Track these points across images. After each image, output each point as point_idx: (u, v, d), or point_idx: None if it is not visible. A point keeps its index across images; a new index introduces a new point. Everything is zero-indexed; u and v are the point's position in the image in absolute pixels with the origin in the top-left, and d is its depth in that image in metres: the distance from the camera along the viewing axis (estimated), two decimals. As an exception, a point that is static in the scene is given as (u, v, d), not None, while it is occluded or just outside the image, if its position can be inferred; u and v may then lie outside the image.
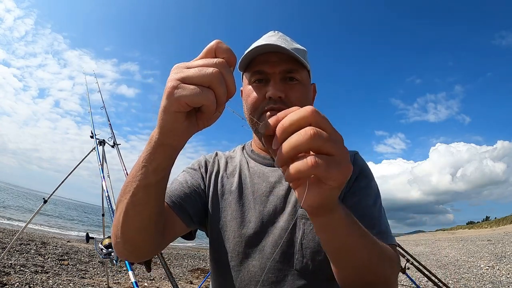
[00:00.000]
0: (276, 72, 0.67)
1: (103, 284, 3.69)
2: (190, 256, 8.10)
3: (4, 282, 2.93)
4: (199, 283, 4.14)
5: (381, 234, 0.62)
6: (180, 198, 0.67)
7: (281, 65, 0.66)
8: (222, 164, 0.79)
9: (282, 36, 0.72)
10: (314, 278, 0.64)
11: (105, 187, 2.25)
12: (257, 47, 0.65)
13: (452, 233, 30.33)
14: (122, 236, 0.52)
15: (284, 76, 0.67)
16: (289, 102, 0.66)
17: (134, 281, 1.53)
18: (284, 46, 0.65)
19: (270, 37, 0.72)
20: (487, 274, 5.64)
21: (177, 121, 0.37)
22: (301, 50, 0.71)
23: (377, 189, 0.72)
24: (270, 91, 0.65)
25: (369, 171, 0.74)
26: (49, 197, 2.91)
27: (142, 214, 0.50)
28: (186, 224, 0.66)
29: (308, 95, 0.72)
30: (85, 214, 33.95)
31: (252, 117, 0.64)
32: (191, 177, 0.75)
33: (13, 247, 4.42)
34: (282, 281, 0.64)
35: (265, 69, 0.67)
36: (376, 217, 0.65)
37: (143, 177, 0.45)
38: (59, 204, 41.93)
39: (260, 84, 0.69)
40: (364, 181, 0.71)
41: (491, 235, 16.57)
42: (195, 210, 0.69)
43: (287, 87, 0.67)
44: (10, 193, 39.88)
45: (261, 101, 0.67)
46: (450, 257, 8.54)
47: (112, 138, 2.89)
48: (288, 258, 0.65)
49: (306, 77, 0.71)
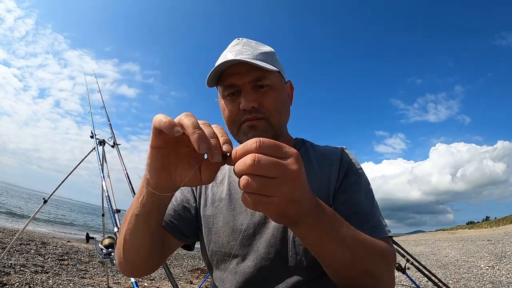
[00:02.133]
0: (246, 82, 0.68)
1: (103, 284, 3.69)
2: (190, 256, 8.10)
3: (4, 282, 2.93)
4: (199, 283, 4.14)
5: (374, 228, 0.63)
6: (170, 217, 0.70)
7: (249, 74, 0.67)
8: None
9: (246, 42, 0.72)
10: (308, 274, 0.65)
11: (105, 187, 2.25)
12: (221, 64, 0.66)
13: (452, 233, 30.34)
14: (124, 257, 0.60)
15: (255, 85, 0.68)
16: (263, 109, 0.68)
17: (134, 281, 1.53)
18: (249, 53, 0.68)
19: (234, 46, 0.72)
20: (487, 274, 5.64)
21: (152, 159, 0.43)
22: (268, 53, 0.71)
23: (367, 183, 0.72)
24: (242, 103, 0.67)
25: (357, 166, 0.74)
26: (49, 197, 2.91)
27: (137, 240, 0.56)
28: (180, 240, 0.71)
29: (281, 98, 0.72)
30: (85, 214, 33.94)
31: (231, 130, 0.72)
32: (181, 192, 0.78)
33: (13, 247, 4.42)
34: (278, 279, 0.65)
35: (235, 82, 0.68)
36: (367, 212, 0.66)
37: (134, 208, 0.52)
38: (59, 204, 41.92)
39: (233, 97, 0.70)
40: (353, 177, 0.71)
41: (491, 235, 16.58)
42: (185, 225, 0.72)
43: (258, 95, 0.68)
44: (10, 193, 39.87)
45: (236, 114, 0.70)
46: (450, 257, 8.54)
47: (112, 138, 2.89)
48: (282, 256, 0.65)
49: (277, 79, 0.72)
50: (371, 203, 0.69)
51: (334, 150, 0.77)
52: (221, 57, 0.73)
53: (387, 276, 0.57)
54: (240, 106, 0.67)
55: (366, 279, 0.53)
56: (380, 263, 0.55)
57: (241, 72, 0.68)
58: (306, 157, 0.76)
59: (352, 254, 0.50)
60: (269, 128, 0.69)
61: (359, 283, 0.53)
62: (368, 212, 0.66)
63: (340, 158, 0.74)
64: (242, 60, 0.65)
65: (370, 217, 0.65)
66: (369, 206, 0.68)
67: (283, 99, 0.73)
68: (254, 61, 0.65)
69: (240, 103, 0.68)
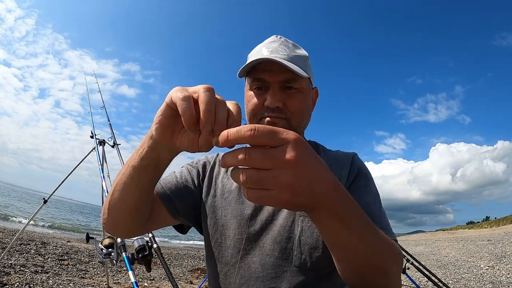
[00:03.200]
0: (275, 81, 0.68)
1: (103, 284, 3.69)
2: (190, 256, 8.10)
3: (4, 282, 2.93)
4: (199, 283, 4.14)
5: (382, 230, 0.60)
6: (169, 190, 0.71)
7: (281, 75, 0.68)
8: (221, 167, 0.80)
9: (284, 42, 0.72)
10: (312, 274, 0.65)
11: (105, 187, 2.25)
12: (256, 60, 0.67)
13: (452, 233, 30.33)
14: (108, 210, 0.61)
15: (283, 85, 0.69)
16: (287, 111, 0.69)
17: (134, 281, 1.53)
18: (285, 54, 0.68)
19: (272, 42, 0.72)
20: (487, 274, 5.64)
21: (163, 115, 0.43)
22: (302, 57, 0.72)
23: (376, 189, 0.73)
24: (268, 101, 0.68)
25: (368, 172, 0.75)
26: (49, 197, 2.90)
27: (126, 193, 0.56)
28: (171, 215, 0.71)
29: (306, 103, 0.73)
30: (85, 214, 33.95)
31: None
32: (188, 173, 0.78)
33: (13, 247, 4.42)
34: (281, 277, 0.65)
35: (265, 78, 0.69)
36: (376, 214, 0.66)
37: (132, 159, 0.53)
38: (59, 204, 41.93)
39: (260, 92, 0.71)
40: (363, 180, 0.72)
41: (491, 235, 16.57)
42: (182, 204, 0.72)
43: (285, 96, 0.69)
44: (10, 193, 39.87)
45: (260, 108, 0.70)
46: (450, 257, 8.54)
47: (112, 138, 2.90)
48: (287, 254, 0.65)
49: (306, 84, 0.72)
50: (379, 207, 0.69)
51: (346, 154, 0.79)
52: (256, 50, 0.74)
53: (398, 277, 0.55)
54: (265, 103, 0.68)
55: (378, 277, 0.50)
56: (393, 263, 0.53)
57: (273, 70, 0.68)
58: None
59: (368, 248, 0.46)
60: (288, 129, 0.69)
61: (371, 281, 0.50)
62: (376, 214, 0.65)
63: (351, 162, 0.75)
64: (276, 60, 0.65)
65: (378, 219, 0.64)
66: (378, 209, 0.68)
67: (307, 104, 0.74)
68: (288, 63, 0.66)
69: (265, 99, 0.69)
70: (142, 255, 1.67)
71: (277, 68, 0.67)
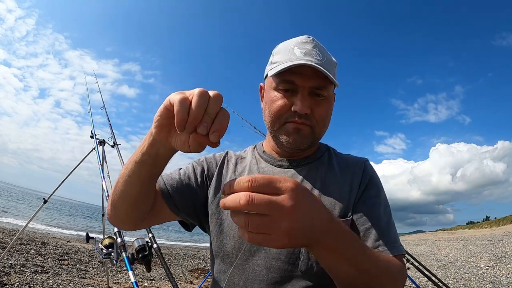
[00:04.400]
0: (306, 86, 0.66)
1: (103, 284, 3.69)
2: (190, 256, 8.10)
3: (4, 282, 2.93)
4: (199, 283, 4.14)
5: (389, 245, 0.64)
6: (171, 186, 0.71)
7: (313, 80, 0.66)
8: (231, 164, 0.80)
9: (317, 45, 0.69)
10: (318, 281, 0.64)
11: (105, 187, 2.25)
12: (295, 64, 0.63)
13: (452, 233, 30.32)
14: (113, 203, 0.64)
15: (313, 91, 0.67)
16: (313, 118, 0.68)
17: (134, 281, 1.53)
18: (319, 59, 0.65)
19: (304, 43, 0.68)
20: (487, 274, 5.64)
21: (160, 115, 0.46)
22: (333, 63, 0.70)
23: (386, 198, 0.73)
24: (298, 106, 0.65)
25: (379, 180, 0.75)
26: (49, 197, 2.91)
27: (128, 185, 0.59)
28: (172, 211, 0.71)
29: (330, 110, 0.72)
30: (85, 214, 33.94)
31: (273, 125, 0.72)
32: (192, 170, 0.78)
33: (13, 247, 4.42)
34: (286, 282, 0.64)
35: (295, 81, 0.66)
36: (384, 227, 0.66)
37: (135, 154, 0.56)
38: (59, 204, 41.92)
39: (287, 94, 0.68)
40: (374, 190, 0.72)
41: (491, 235, 16.57)
42: (182, 202, 0.72)
43: (313, 102, 0.67)
44: (10, 193, 39.87)
45: (285, 112, 0.68)
46: (450, 257, 8.54)
47: (112, 138, 2.90)
48: (293, 259, 0.65)
49: (332, 92, 0.71)
50: (388, 219, 0.69)
51: (357, 160, 0.78)
52: (285, 47, 0.69)
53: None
54: (294, 108, 0.66)
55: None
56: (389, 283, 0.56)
57: (305, 75, 0.65)
58: (330, 163, 0.76)
59: (365, 275, 0.50)
60: (311, 136, 0.70)
61: None
62: (385, 228, 0.67)
63: (363, 169, 0.74)
64: (317, 67, 0.63)
65: (387, 233, 0.66)
66: (386, 221, 0.68)
67: (331, 113, 0.73)
68: (326, 71, 0.63)
69: (292, 103, 0.67)
70: (142, 255, 1.68)
71: (309, 72, 0.65)
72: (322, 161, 0.77)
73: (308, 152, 0.77)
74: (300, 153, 0.76)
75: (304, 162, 0.76)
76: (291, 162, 0.76)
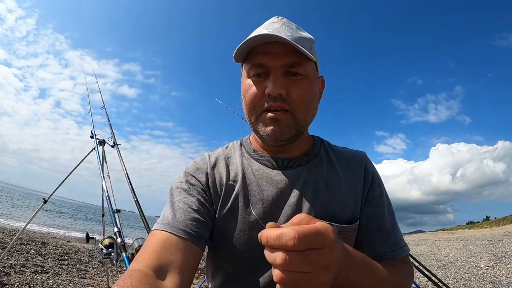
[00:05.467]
0: (278, 65, 0.59)
1: (103, 284, 3.69)
2: (190, 256, 8.10)
3: (4, 282, 2.93)
4: (199, 283, 4.14)
5: (396, 247, 0.64)
6: (194, 227, 0.58)
7: (284, 58, 0.59)
8: (222, 168, 0.70)
9: (286, 22, 0.63)
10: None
11: (105, 187, 2.25)
12: (255, 36, 0.57)
13: (452, 233, 30.30)
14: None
15: (287, 70, 0.60)
16: (291, 101, 0.60)
17: (134, 281, 1.52)
18: (288, 35, 0.58)
19: (272, 23, 0.62)
20: (487, 274, 5.64)
21: None
22: (307, 39, 0.62)
23: (387, 195, 0.72)
24: (269, 88, 0.59)
25: (379, 176, 0.73)
26: (49, 197, 2.90)
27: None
28: (203, 249, 0.61)
29: (312, 91, 0.64)
30: (85, 214, 33.92)
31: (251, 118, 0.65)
32: (191, 197, 0.64)
33: (13, 247, 4.42)
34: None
35: (265, 62, 0.60)
36: (390, 228, 0.67)
37: None
38: (59, 204, 41.90)
39: (259, 79, 0.61)
40: (377, 190, 0.70)
41: (491, 235, 16.56)
42: (209, 231, 0.63)
43: (289, 82, 0.60)
44: (10, 193, 39.85)
45: (260, 98, 0.61)
46: (450, 257, 8.54)
47: (112, 138, 2.90)
48: None
49: (312, 70, 0.63)
50: (392, 217, 0.69)
51: (356, 155, 0.73)
52: (254, 32, 0.62)
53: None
54: (266, 91, 0.59)
55: None
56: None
57: (275, 53, 0.59)
58: (329, 161, 0.71)
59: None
60: (293, 124, 0.62)
61: None
62: (390, 228, 0.66)
63: (364, 167, 0.70)
64: (280, 37, 0.56)
65: (393, 234, 0.66)
66: (391, 221, 0.68)
67: (314, 94, 0.64)
68: (294, 42, 0.56)
69: (266, 87, 0.60)
70: (142, 255, 1.67)
71: (279, 50, 0.59)
72: (320, 159, 0.71)
73: (301, 147, 0.70)
74: (292, 149, 0.69)
75: (302, 161, 0.69)
76: (287, 162, 0.68)
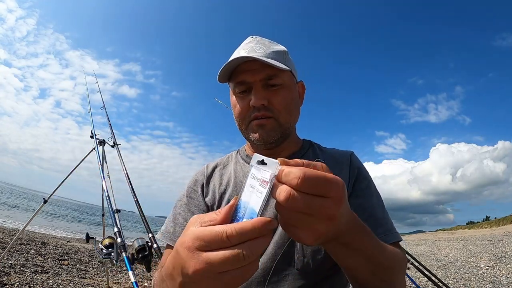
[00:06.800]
0: (257, 80, 0.68)
1: (103, 284, 3.69)
2: (190, 256, 8.10)
3: (4, 282, 2.93)
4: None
5: (388, 232, 0.65)
6: None
7: (261, 72, 0.68)
8: (216, 178, 0.81)
9: (260, 40, 0.73)
10: (314, 277, 0.65)
11: (105, 187, 2.25)
12: (232, 60, 0.67)
13: (452, 233, 30.31)
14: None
15: (266, 83, 0.69)
16: (273, 109, 0.69)
17: (134, 281, 1.53)
18: (261, 51, 0.68)
19: (248, 43, 0.72)
20: (487, 274, 5.64)
21: None
22: (280, 52, 0.71)
23: (376, 189, 0.74)
24: (252, 100, 0.68)
25: (367, 172, 0.75)
26: (49, 197, 2.91)
27: None
28: None
29: (292, 97, 0.73)
30: (85, 214, 33.93)
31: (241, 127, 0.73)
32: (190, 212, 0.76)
33: (13, 247, 4.42)
34: (283, 281, 0.65)
35: (246, 79, 0.69)
36: (380, 216, 0.67)
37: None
38: (59, 204, 41.90)
39: (244, 94, 0.71)
40: (364, 182, 0.72)
41: (491, 235, 16.57)
42: None
43: (269, 93, 0.69)
44: (10, 193, 39.86)
45: (247, 110, 0.71)
46: (450, 257, 8.54)
47: (112, 138, 2.90)
48: (289, 258, 0.65)
49: (288, 79, 0.72)
50: (382, 208, 0.70)
51: (343, 154, 0.78)
52: (234, 54, 0.73)
53: (402, 282, 0.59)
54: (250, 103, 0.68)
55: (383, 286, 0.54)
56: (398, 273, 0.57)
57: (253, 70, 0.68)
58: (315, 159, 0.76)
59: (375, 266, 0.50)
60: (278, 127, 0.71)
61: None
62: (381, 216, 0.67)
63: (349, 162, 0.75)
64: (253, 57, 0.65)
65: (384, 222, 0.67)
66: (382, 211, 0.69)
67: (293, 99, 0.73)
68: (266, 59, 0.65)
69: (250, 100, 0.69)
70: (142, 255, 1.68)
71: (256, 66, 0.68)
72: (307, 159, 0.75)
73: (288, 149, 0.78)
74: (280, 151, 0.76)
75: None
76: None
